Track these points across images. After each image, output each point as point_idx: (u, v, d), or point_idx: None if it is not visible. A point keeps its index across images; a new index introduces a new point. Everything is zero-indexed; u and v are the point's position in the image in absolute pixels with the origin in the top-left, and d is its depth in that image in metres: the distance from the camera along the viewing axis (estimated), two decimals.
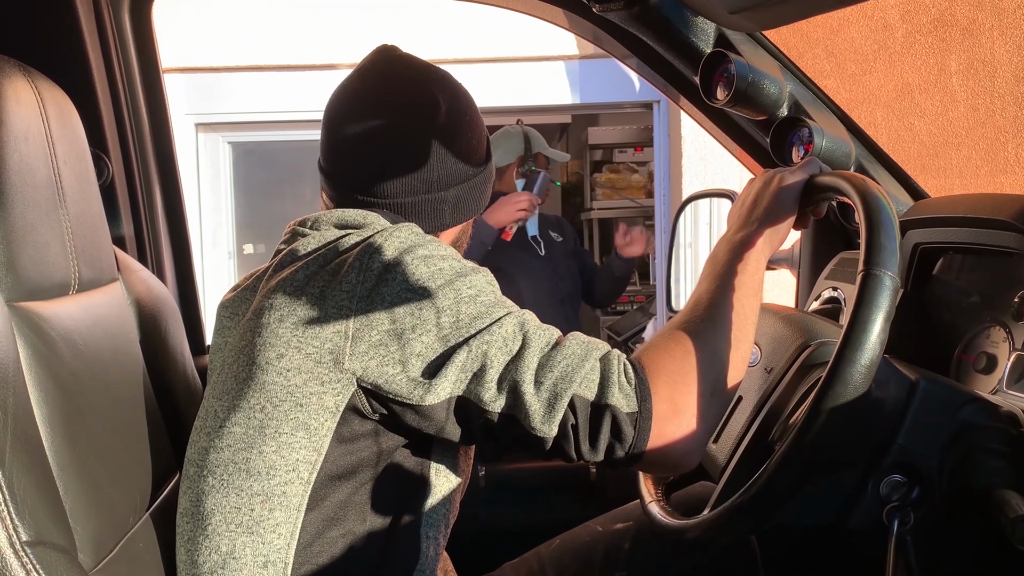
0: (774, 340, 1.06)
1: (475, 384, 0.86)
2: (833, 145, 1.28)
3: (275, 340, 0.88)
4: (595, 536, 1.26)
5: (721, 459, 1.04)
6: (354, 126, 1.02)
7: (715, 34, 1.28)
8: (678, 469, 0.91)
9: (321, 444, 0.89)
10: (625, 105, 4.65)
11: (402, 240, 0.90)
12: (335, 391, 0.87)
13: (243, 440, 0.90)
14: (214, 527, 0.91)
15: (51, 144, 0.92)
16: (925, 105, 2.43)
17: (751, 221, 0.99)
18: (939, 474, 0.88)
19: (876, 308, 0.80)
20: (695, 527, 0.94)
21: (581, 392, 0.86)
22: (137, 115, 1.58)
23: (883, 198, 0.86)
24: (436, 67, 1.08)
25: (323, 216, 1.00)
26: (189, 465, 0.97)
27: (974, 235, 1.09)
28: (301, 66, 4.27)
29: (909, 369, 0.91)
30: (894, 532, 0.86)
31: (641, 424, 0.86)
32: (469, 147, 1.05)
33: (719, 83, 1.27)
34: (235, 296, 1.03)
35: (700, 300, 0.94)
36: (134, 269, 1.19)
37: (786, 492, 0.86)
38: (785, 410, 0.98)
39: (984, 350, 1.10)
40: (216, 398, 0.95)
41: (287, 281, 0.91)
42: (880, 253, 0.81)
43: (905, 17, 2.39)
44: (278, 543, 0.89)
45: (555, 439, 0.87)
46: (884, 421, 0.88)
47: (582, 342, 0.89)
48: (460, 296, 0.88)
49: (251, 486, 0.89)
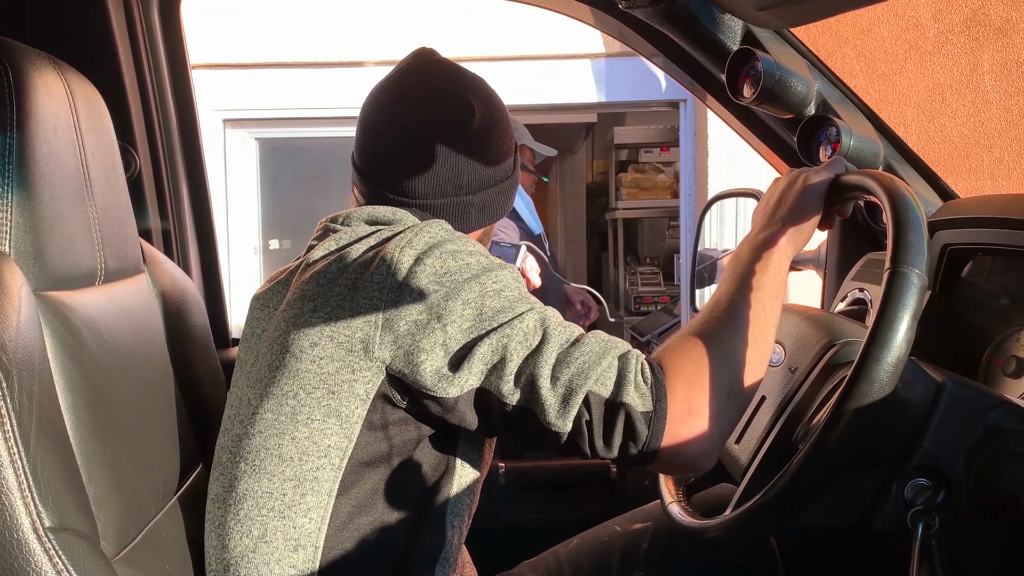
0: (798, 340, 1.05)
1: (495, 376, 0.88)
2: (861, 144, 1.26)
3: (309, 329, 0.91)
4: (613, 536, 1.26)
5: (743, 459, 1.03)
6: (390, 127, 1.05)
7: (742, 31, 1.27)
8: (693, 470, 0.91)
9: (352, 431, 0.91)
10: (651, 104, 4.64)
11: (432, 235, 0.93)
12: (365, 379, 0.90)
13: (275, 426, 0.92)
14: (246, 512, 0.93)
15: (80, 136, 0.94)
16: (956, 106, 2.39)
17: (775, 221, 0.98)
18: (965, 478, 0.86)
19: (903, 306, 0.78)
20: (716, 527, 0.94)
21: (596, 389, 0.87)
22: (165, 110, 1.59)
23: (911, 196, 0.84)
24: (472, 73, 1.10)
25: (354, 213, 1.03)
26: (222, 452, 0.99)
27: (1005, 236, 1.07)
28: (328, 63, 4.30)
29: (936, 371, 0.90)
30: (918, 536, 0.85)
31: (655, 424, 0.86)
32: (499, 153, 1.08)
33: (746, 81, 1.26)
34: (268, 289, 1.06)
35: (720, 301, 0.94)
36: (160, 262, 1.20)
37: (809, 493, 0.85)
38: (809, 410, 0.97)
39: (1014, 354, 1.08)
40: (249, 387, 0.98)
41: (321, 274, 0.94)
42: (908, 251, 0.80)
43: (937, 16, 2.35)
44: (309, 527, 0.92)
45: (570, 434, 0.88)
46: (910, 423, 0.87)
47: (602, 340, 0.90)
48: (485, 290, 0.90)
49: (283, 471, 0.92)
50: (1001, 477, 0.86)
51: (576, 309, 2.87)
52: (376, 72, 1.12)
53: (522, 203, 2.99)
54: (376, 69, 1.13)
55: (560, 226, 6.77)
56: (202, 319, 1.26)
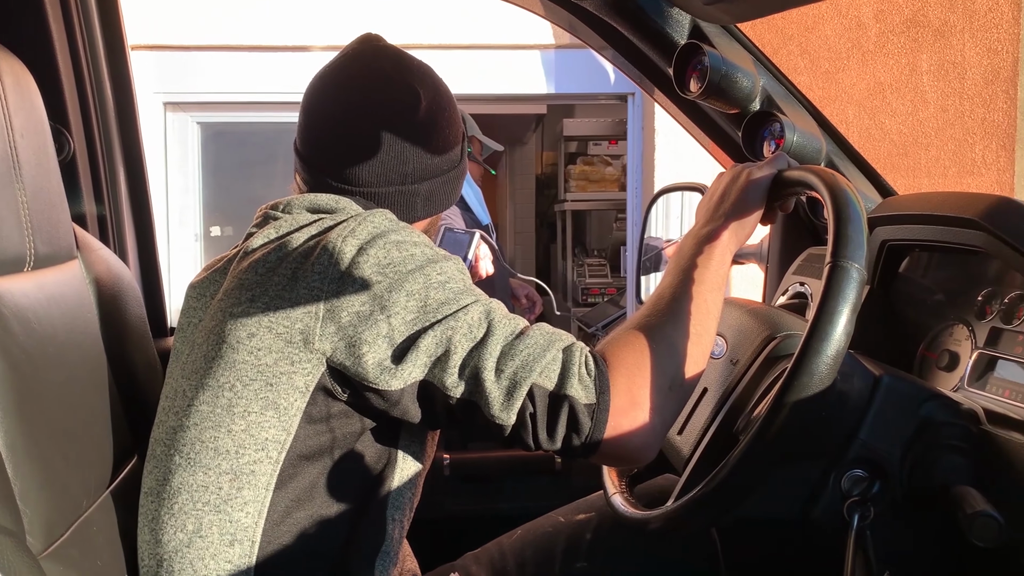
0: (740, 332, 1.06)
1: (438, 369, 0.87)
2: (804, 140, 1.28)
3: (246, 319, 0.90)
4: (557, 527, 1.26)
5: (685, 451, 1.03)
6: (334, 113, 1.04)
7: (690, 26, 1.28)
8: (634, 462, 0.91)
9: (291, 424, 0.90)
10: (600, 96, 4.65)
11: (376, 225, 0.92)
12: (305, 371, 0.89)
13: (211, 419, 0.91)
14: (180, 505, 0.91)
15: (7, 116, 0.90)
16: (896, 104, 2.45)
17: (718, 215, 0.99)
18: (900, 470, 0.88)
19: (843, 300, 0.80)
20: (658, 518, 0.94)
21: (540, 382, 0.87)
22: (101, 91, 1.54)
23: (851, 192, 0.86)
24: (419, 60, 1.09)
25: (295, 200, 1.01)
26: (156, 445, 0.97)
27: (940, 233, 1.10)
28: (274, 47, 4.21)
29: (874, 364, 0.92)
30: (854, 526, 0.87)
31: (598, 416, 0.86)
32: (445, 143, 1.07)
33: (693, 75, 1.27)
34: (204, 278, 1.03)
35: (663, 294, 0.95)
36: (94, 248, 1.17)
37: (748, 485, 0.86)
38: (749, 402, 0.98)
39: (947, 348, 1.10)
40: (185, 378, 0.96)
41: (260, 262, 0.93)
42: (848, 246, 0.81)
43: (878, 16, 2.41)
44: (246, 522, 0.90)
45: (514, 427, 0.88)
46: (847, 415, 0.88)
47: (546, 333, 0.90)
48: (429, 282, 0.89)
49: (219, 464, 0.90)
50: (933, 469, 0.88)
51: (522, 303, 2.87)
52: (322, 57, 1.10)
53: (471, 193, 2.98)
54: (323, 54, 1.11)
55: (509, 217, 6.77)
56: (138, 307, 1.23)
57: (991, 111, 2.39)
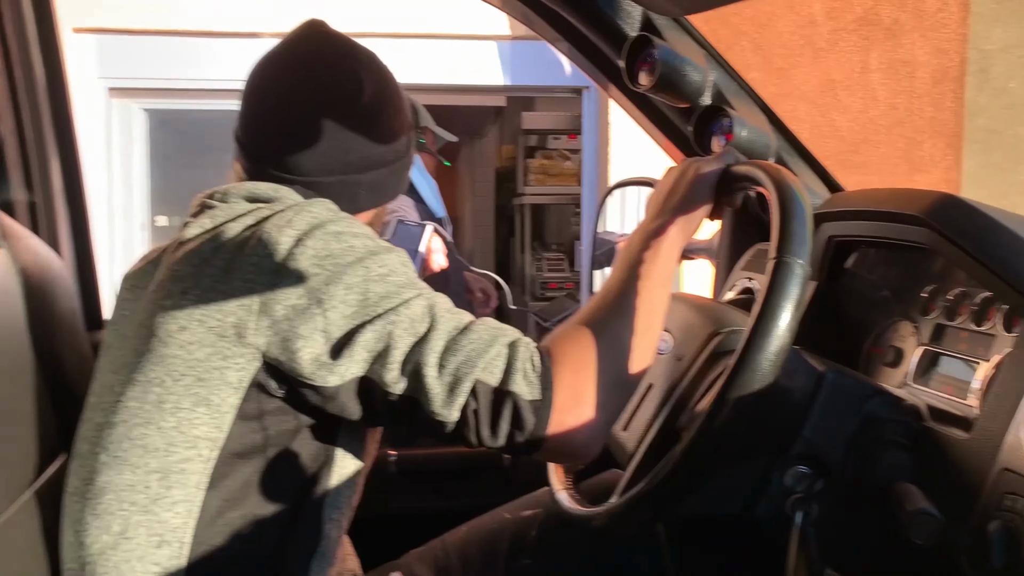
0: (686, 328, 1.06)
1: (379, 365, 0.85)
2: (753, 136, 1.28)
3: (177, 312, 0.87)
4: (502, 523, 1.25)
5: (630, 447, 1.03)
6: (274, 100, 1.01)
7: (642, 18, 1.26)
8: (579, 459, 0.90)
9: (223, 421, 0.87)
10: (556, 89, 4.65)
11: (315, 215, 0.89)
12: (238, 366, 0.86)
13: (140, 415, 0.87)
14: (105, 506, 0.88)
15: None
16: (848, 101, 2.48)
17: (665, 210, 0.98)
18: (843, 467, 0.88)
19: (786, 296, 0.79)
20: (602, 515, 0.94)
21: (484, 377, 0.85)
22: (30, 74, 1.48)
23: (797, 187, 0.85)
24: (364, 47, 1.06)
25: (233, 189, 0.98)
26: (81, 443, 0.93)
27: (885, 229, 1.10)
28: (224, 33, 4.12)
29: (818, 360, 0.91)
30: (797, 524, 0.86)
31: (542, 412, 0.85)
32: (390, 131, 1.04)
33: (643, 68, 1.26)
34: (139, 269, 1.00)
35: (610, 289, 0.94)
36: (22, 236, 1.12)
37: (691, 481, 0.85)
38: (693, 398, 0.97)
39: (892, 344, 1.11)
40: (113, 372, 0.93)
41: (193, 253, 0.90)
42: (792, 241, 0.81)
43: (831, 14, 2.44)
44: (175, 522, 0.87)
45: (456, 424, 0.86)
46: (791, 412, 0.88)
47: (491, 327, 0.88)
48: (370, 274, 0.87)
49: (148, 463, 0.87)
50: (876, 465, 0.88)
51: (477, 297, 2.84)
52: (274, 44, 1.07)
53: (426, 185, 2.95)
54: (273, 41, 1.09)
55: (468, 210, 6.74)
56: (69, 298, 1.18)
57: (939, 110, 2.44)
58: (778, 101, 1.40)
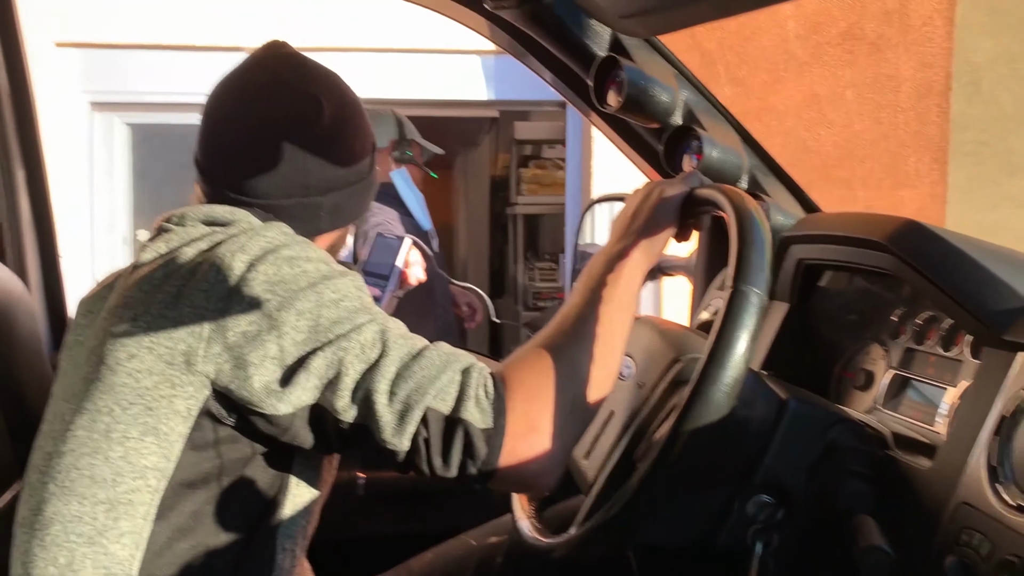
0: (648, 354, 1.04)
1: (330, 392, 0.84)
2: (724, 156, 1.27)
3: (126, 339, 0.85)
4: (468, 550, 1.24)
5: (591, 475, 1.01)
6: (232, 121, 1.00)
7: (611, 38, 1.25)
8: (535, 488, 0.89)
9: (172, 450, 0.85)
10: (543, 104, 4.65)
11: (268, 240, 0.88)
12: (187, 395, 0.84)
13: (87, 444, 0.86)
14: (52, 537, 0.86)
15: None
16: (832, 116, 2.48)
17: (629, 233, 0.97)
18: (805, 496, 0.87)
19: (740, 326, 0.78)
20: (562, 546, 0.92)
21: (435, 405, 0.83)
22: None
23: (757, 214, 0.84)
24: (325, 68, 1.05)
25: (189, 212, 0.97)
26: (32, 472, 0.92)
27: (851, 254, 1.09)
28: (207, 47, 4.12)
29: (781, 387, 0.90)
30: (757, 554, 0.85)
31: (494, 440, 0.83)
32: (351, 153, 1.03)
33: (611, 88, 1.25)
34: (94, 294, 0.99)
35: (569, 313, 0.92)
36: None
37: (648, 511, 0.84)
38: (652, 426, 0.96)
39: (863, 367, 1.10)
40: (65, 400, 0.91)
41: (145, 279, 0.89)
42: (748, 270, 0.80)
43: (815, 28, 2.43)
44: (122, 554, 0.85)
45: (408, 453, 0.84)
46: (751, 440, 0.86)
47: (443, 353, 0.86)
48: (322, 300, 0.85)
49: (95, 493, 0.85)
50: (837, 495, 0.87)
51: (462, 311, 2.83)
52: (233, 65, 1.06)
53: (413, 198, 2.94)
54: None
55: (462, 220, 6.73)
56: (30, 321, 1.17)
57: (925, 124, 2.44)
58: (761, 115, 1.40)
